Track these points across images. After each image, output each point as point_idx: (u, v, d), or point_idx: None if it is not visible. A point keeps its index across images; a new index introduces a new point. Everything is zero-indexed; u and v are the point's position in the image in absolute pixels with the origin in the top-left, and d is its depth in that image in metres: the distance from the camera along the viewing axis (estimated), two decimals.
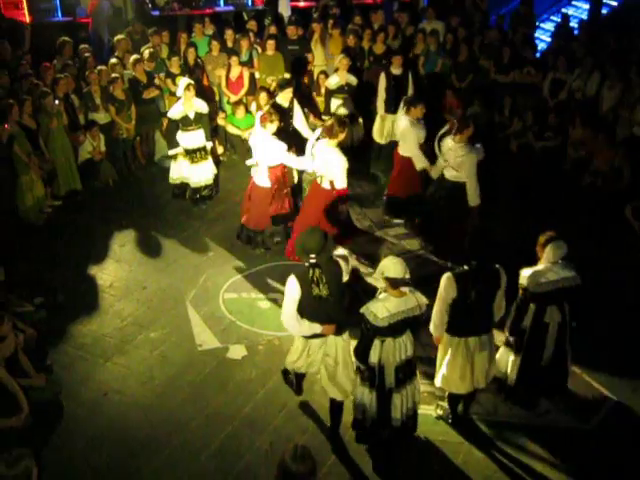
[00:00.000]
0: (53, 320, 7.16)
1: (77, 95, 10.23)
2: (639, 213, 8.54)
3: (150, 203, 9.89)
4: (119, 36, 11.38)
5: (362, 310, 5.03)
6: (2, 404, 5.57)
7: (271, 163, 8.02)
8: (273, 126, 7.90)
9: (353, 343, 5.38)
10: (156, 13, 14.03)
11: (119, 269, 8.30)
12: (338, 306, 5.32)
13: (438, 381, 5.78)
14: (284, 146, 7.94)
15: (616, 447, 5.73)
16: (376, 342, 5.08)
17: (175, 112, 9.13)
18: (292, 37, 11.59)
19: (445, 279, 5.37)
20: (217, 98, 11.50)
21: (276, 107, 8.36)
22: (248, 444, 5.74)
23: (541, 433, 5.84)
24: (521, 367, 5.88)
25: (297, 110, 8.81)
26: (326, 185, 7.71)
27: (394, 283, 4.95)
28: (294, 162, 8.13)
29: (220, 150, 10.90)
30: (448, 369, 5.62)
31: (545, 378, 5.89)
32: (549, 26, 14.97)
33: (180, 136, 9.19)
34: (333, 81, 10.34)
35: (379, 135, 10.43)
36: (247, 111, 10.76)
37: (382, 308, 4.93)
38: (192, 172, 9.40)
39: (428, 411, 6.04)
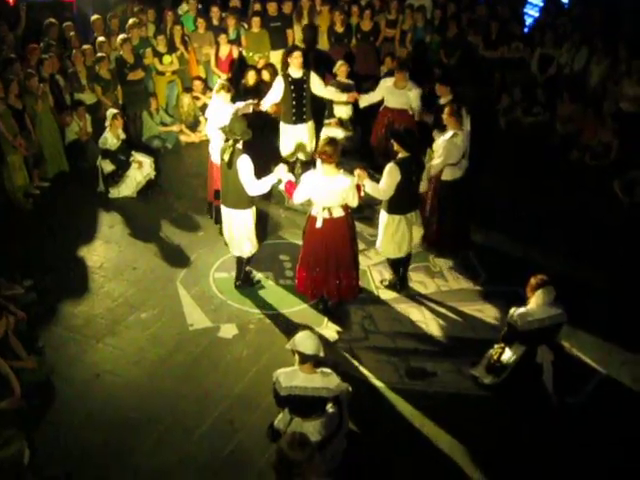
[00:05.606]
0: (44, 302, 7.15)
1: (62, 75, 10.13)
2: (627, 187, 8.58)
3: None
4: (94, 17, 11.24)
5: (274, 374, 4.98)
6: None
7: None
8: (228, 95, 8.00)
9: None
10: None
11: (109, 250, 8.27)
12: (231, 179, 6.75)
13: (388, 253, 7.17)
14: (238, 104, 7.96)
15: (604, 420, 5.79)
16: (286, 413, 5.07)
17: (110, 143, 9.14)
18: (272, 14, 11.52)
19: (390, 167, 6.60)
20: (205, 77, 11.42)
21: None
22: (240, 423, 5.77)
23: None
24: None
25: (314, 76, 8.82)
26: (339, 213, 6.53)
27: (303, 358, 4.88)
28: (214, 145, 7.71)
29: None
30: (395, 240, 6.96)
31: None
32: (537, 1, 14.88)
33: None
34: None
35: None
36: None
37: (287, 378, 4.90)
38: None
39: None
